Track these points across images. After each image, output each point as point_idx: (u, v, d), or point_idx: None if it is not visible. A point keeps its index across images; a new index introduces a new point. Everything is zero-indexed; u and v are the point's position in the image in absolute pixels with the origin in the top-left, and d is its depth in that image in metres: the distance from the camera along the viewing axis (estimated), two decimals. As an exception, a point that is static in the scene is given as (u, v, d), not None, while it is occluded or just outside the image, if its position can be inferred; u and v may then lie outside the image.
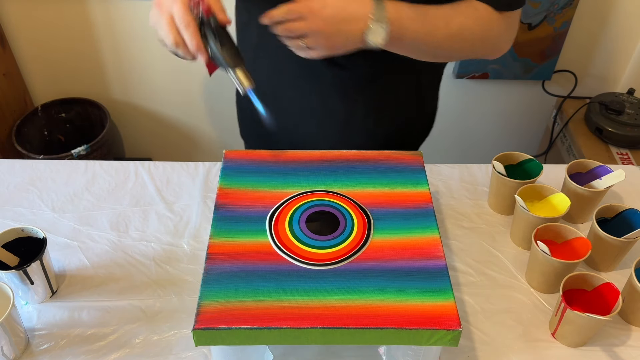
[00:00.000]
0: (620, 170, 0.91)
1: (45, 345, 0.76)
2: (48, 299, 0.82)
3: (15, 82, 1.84)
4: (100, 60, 1.85)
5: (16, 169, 1.02)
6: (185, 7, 0.70)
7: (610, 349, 0.78)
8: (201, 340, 0.63)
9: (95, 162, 1.04)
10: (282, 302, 0.64)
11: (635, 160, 1.64)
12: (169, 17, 0.70)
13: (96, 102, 1.90)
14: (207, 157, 2.06)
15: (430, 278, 0.67)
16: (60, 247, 0.89)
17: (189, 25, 0.70)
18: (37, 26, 1.78)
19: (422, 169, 0.83)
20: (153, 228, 0.93)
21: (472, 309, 0.82)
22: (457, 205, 0.99)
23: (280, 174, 0.81)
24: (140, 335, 0.77)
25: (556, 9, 1.67)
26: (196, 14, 0.71)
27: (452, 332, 0.62)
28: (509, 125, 2.02)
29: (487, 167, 1.06)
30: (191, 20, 0.70)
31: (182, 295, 0.83)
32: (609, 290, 0.77)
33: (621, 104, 1.68)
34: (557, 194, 0.91)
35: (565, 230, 0.85)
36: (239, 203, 0.76)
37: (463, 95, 1.92)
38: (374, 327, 0.62)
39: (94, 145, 1.76)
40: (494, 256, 0.90)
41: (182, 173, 1.03)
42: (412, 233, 0.73)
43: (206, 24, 0.71)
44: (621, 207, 0.88)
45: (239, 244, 0.71)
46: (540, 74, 1.83)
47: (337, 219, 0.74)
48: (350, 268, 0.68)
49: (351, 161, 0.83)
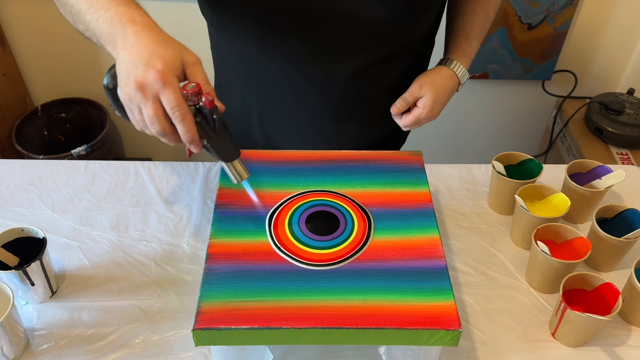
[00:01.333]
0: (620, 170, 0.91)
1: (45, 345, 0.76)
2: (48, 299, 0.82)
3: (15, 82, 1.85)
4: (100, 60, 1.85)
5: (16, 169, 1.02)
6: (180, 95, 0.61)
7: (610, 349, 0.78)
8: (201, 340, 0.63)
9: (95, 162, 1.04)
10: (282, 302, 0.64)
11: (635, 160, 1.64)
12: (156, 104, 0.61)
13: (96, 102, 1.90)
14: (207, 157, 2.05)
15: (430, 278, 0.67)
16: (60, 247, 0.89)
17: (186, 118, 0.61)
18: (37, 26, 1.78)
19: (422, 169, 0.83)
20: (153, 228, 0.93)
21: (472, 309, 0.82)
22: (457, 205, 0.99)
23: (280, 174, 0.81)
24: (140, 335, 0.77)
25: (556, 9, 1.67)
26: (192, 103, 0.63)
27: (452, 332, 0.62)
28: (509, 125, 2.02)
29: (487, 167, 1.06)
30: (188, 112, 0.62)
31: (182, 295, 0.83)
32: (609, 290, 0.77)
33: (621, 104, 1.68)
34: (557, 194, 0.91)
35: (565, 230, 0.85)
36: (239, 203, 0.76)
37: (463, 95, 1.92)
38: (374, 327, 0.62)
39: (94, 145, 1.76)
40: (494, 256, 0.90)
41: (182, 173, 1.03)
42: (412, 233, 0.73)
43: (205, 115, 0.64)
44: (621, 207, 0.88)
45: (239, 244, 0.71)
46: (540, 74, 1.83)
47: (337, 219, 0.74)
48: (350, 268, 0.68)
49: (351, 161, 0.83)
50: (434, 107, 0.91)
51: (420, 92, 0.90)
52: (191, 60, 0.64)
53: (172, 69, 0.62)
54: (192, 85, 0.63)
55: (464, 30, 0.94)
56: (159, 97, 0.61)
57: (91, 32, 0.68)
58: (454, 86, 0.93)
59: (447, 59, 0.94)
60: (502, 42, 1.74)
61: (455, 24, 0.95)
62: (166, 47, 0.63)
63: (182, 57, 0.64)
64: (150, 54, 0.61)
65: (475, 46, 0.95)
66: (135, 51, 0.62)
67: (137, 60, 0.61)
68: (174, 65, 0.62)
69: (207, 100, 0.63)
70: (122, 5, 0.66)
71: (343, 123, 0.97)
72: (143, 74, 0.60)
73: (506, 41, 1.74)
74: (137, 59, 0.61)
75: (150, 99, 0.61)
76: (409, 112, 0.92)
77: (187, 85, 0.63)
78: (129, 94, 0.62)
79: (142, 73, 0.60)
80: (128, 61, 0.62)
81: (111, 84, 0.69)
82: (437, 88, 0.90)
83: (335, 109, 0.94)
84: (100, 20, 0.65)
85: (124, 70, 0.62)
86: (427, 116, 0.91)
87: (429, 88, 0.90)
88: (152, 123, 0.62)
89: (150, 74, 0.60)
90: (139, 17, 0.65)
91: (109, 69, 0.69)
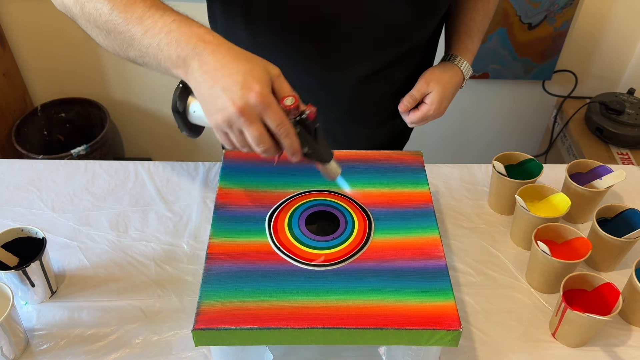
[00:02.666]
0: (621, 170, 0.91)
1: (45, 345, 0.76)
2: (48, 299, 0.82)
3: (15, 82, 1.85)
4: (100, 60, 1.86)
5: (16, 169, 1.02)
6: (282, 113, 0.61)
7: (611, 349, 0.78)
8: (201, 341, 0.63)
9: (95, 162, 1.04)
10: (282, 303, 0.64)
11: (635, 160, 1.64)
12: (260, 124, 0.61)
13: (96, 102, 1.90)
14: (207, 157, 2.06)
15: (431, 278, 0.67)
16: (60, 247, 0.89)
17: (290, 133, 0.62)
18: (37, 26, 1.78)
19: (422, 169, 0.83)
20: (153, 228, 0.92)
21: (472, 309, 0.82)
22: (457, 205, 0.99)
23: (280, 174, 0.81)
24: (140, 336, 0.77)
25: (556, 9, 1.67)
26: (293, 117, 0.64)
27: (452, 332, 0.62)
28: (509, 125, 2.02)
29: (487, 167, 1.06)
30: (291, 127, 0.62)
31: (182, 295, 0.82)
32: (609, 290, 0.77)
33: (621, 104, 1.68)
34: (557, 194, 0.91)
35: (565, 230, 0.85)
36: (239, 203, 0.76)
37: (463, 95, 1.92)
38: (374, 327, 0.62)
39: (93, 145, 1.76)
40: (494, 256, 0.90)
41: (182, 173, 1.03)
42: (412, 233, 0.73)
43: (308, 125, 0.65)
44: (621, 207, 0.88)
45: (239, 244, 0.71)
46: (541, 74, 1.83)
47: (338, 219, 0.74)
48: (350, 268, 0.68)
49: (351, 161, 0.83)
50: (442, 103, 0.91)
51: (428, 89, 0.90)
52: (275, 72, 0.63)
53: (268, 86, 0.61)
54: (291, 100, 0.63)
55: (466, 27, 0.94)
56: (262, 118, 0.61)
57: (150, 57, 0.64)
58: (459, 82, 0.94)
59: (451, 55, 0.94)
60: (502, 42, 1.74)
61: (457, 21, 0.95)
62: (253, 65, 0.61)
63: (269, 72, 0.62)
64: (243, 76, 0.59)
65: (476, 42, 0.95)
66: (221, 74, 0.60)
67: (229, 83, 0.59)
68: (268, 83, 0.61)
69: (312, 113, 0.64)
70: (185, 25, 0.62)
71: (352, 125, 0.97)
72: (242, 98, 0.59)
73: (506, 41, 1.74)
74: (229, 82, 0.59)
75: (254, 121, 0.60)
76: (417, 109, 0.92)
77: (285, 100, 0.63)
78: (229, 119, 0.60)
79: (241, 97, 0.59)
80: (215, 86, 0.60)
81: (181, 107, 0.68)
82: (443, 84, 0.91)
83: (345, 112, 0.95)
84: (162, 43, 0.62)
85: (212, 95, 0.60)
86: (435, 112, 0.91)
87: (436, 84, 0.90)
88: (258, 143, 0.62)
89: (251, 97, 0.59)
90: (209, 36, 0.62)
91: (175, 91, 0.67)
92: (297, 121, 0.64)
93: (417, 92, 0.91)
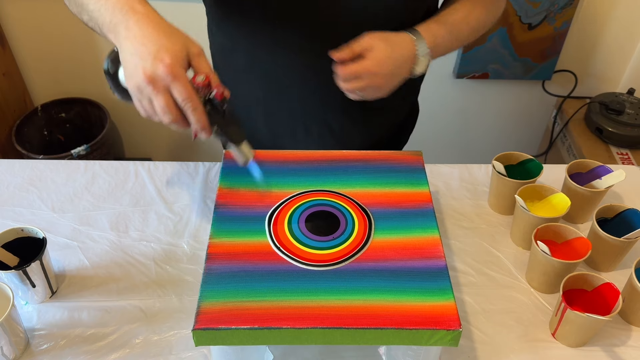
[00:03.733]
0: (621, 170, 0.91)
1: (45, 345, 0.76)
2: (48, 299, 0.82)
3: (15, 82, 1.85)
4: (100, 60, 1.85)
5: (16, 169, 1.02)
6: (190, 88, 0.63)
7: (611, 349, 0.78)
8: (201, 341, 0.63)
9: (95, 162, 1.04)
10: (282, 302, 0.64)
11: (635, 160, 1.64)
12: (167, 95, 0.63)
13: (96, 102, 1.90)
14: (207, 157, 2.06)
15: (431, 278, 0.67)
16: (60, 247, 0.89)
17: (197, 109, 0.64)
18: (37, 26, 1.78)
19: (422, 169, 0.83)
20: (153, 228, 0.92)
21: (472, 309, 0.82)
22: (457, 205, 0.99)
23: (280, 174, 0.81)
24: (140, 335, 0.77)
25: (556, 9, 1.67)
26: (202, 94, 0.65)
27: (452, 332, 0.62)
28: (509, 125, 2.02)
29: (487, 167, 1.06)
30: (199, 103, 0.64)
31: (182, 295, 0.82)
32: (609, 290, 0.77)
33: (621, 104, 1.68)
34: (557, 194, 0.91)
35: (565, 230, 0.85)
36: (239, 203, 0.76)
37: (463, 95, 1.92)
38: (374, 327, 0.62)
39: (93, 145, 1.76)
40: (494, 256, 0.90)
41: (182, 173, 1.03)
42: (412, 233, 0.73)
43: (216, 104, 0.67)
44: (621, 207, 0.88)
45: (239, 244, 0.71)
46: (541, 74, 1.83)
47: (338, 219, 0.74)
48: (350, 268, 0.68)
49: (351, 161, 0.83)
50: (383, 64, 0.80)
51: (370, 42, 0.80)
52: (195, 50, 0.66)
53: (180, 61, 0.63)
54: (202, 78, 0.65)
55: (438, 16, 0.89)
56: (169, 89, 0.63)
57: (94, 21, 0.69)
58: (409, 55, 0.83)
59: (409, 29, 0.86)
60: (502, 42, 1.74)
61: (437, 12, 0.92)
62: (171, 39, 0.64)
63: (187, 48, 0.65)
64: (157, 47, 0.62)
65: (444, 35, 0.87)
66: (139, 43, 0.63)
67: (143, 52, 0.62)
68: (181, 58, 0.63)
69: (218, 92, 0.66)
70: None
71: (348, 114, 0.95)
72: (152, 68, 0.61)
73: (506, 41, 1.74)
74: (144, 52, 0.62)
75: (161, 91, 0.62)
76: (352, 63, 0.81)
77: (196, 78, 0.65)
78: (139, 86, 0.63)
79: (151, 66, 0.61)
80: (133, 52, 0.63)
81: (111, 69, 0.70)
82: (389, 44, 0.81)
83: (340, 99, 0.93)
84: (102, 9, 0.66)
85: (130, 61, 0.63)
86: (372, 72, 0.80)
87: (381, 41, 0.80)
88: (164, 113, 0.64)
89: (160, 68, 0.61)
90: (139, 6, 0.65)
91: (108, 54, 0.70)
92: (207, 100, 0.66)
93: (357, 44, 0.80)
